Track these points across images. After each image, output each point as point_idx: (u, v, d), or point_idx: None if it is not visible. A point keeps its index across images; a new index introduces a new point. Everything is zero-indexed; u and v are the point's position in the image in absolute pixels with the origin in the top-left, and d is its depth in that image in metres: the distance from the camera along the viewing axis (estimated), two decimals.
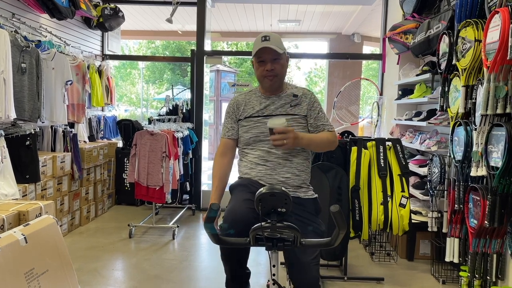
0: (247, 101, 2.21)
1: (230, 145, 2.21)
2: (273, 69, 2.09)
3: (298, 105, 2.17)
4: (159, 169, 4.23)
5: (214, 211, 1.44)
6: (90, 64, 5.00)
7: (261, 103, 2.18)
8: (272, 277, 1.53)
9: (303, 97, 2.19)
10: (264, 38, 2.08)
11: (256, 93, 2.23)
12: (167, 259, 3.68)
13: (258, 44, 2.08)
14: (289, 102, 2.17)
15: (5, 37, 3.21)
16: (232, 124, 2.21)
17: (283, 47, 2.12)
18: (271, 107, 2.16)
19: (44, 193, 3.78)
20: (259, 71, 2.13)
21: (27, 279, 1.88)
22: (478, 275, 2.73)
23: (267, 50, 2.06)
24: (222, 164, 2.16)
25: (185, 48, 17.77)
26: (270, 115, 2.14)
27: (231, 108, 2.23)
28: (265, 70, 2.10)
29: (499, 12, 2.34)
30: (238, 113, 2.21)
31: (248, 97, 2.23)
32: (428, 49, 3.61)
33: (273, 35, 2.10)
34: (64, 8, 4.12)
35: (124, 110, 19.63)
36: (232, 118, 2.22)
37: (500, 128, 2.39)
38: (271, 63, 2.09)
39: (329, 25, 8.27)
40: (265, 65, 2.10)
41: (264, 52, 2.07)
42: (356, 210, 3.12)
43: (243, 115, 2.19)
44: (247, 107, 2.19)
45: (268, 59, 2.09)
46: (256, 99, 2.21)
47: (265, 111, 2.15)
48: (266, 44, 2.05)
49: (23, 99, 3.54)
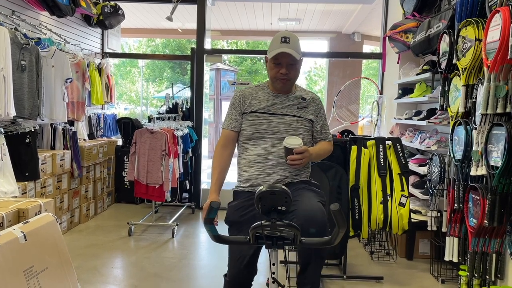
0: (254, 96, 2.18)
1: (232, 137, 2.17)
2: (287, 73, 2.07)
3: (304, 108, 2.17)
4: (159, 167, 4.23)
5: (214, 209, 1.43)
6: (90, 62, 4.99)
7: (268, 100, 2.16)
8: (272, 275, 1.53)
9: (311, 101, 2.19)
10: (284, 39, 2.03)
11: (265, 89, 2.20)
12: (166, 257, 3.68)
13: (277, 46, 2.04)
14: (296, 104, 2.16)
15: (5, 35, 3.20)
16: (236, 116, 2.17)
17: (300, 51, 2.09)
18: (278, 106, 2.14)
19: (43, 191, 3.77)
20: (273, 72, 2.10)
21: (26, 276, 1.88)
22: (477, 275, 2.73)
23: (285, 54, 2.02)
24: (223, 156, 2.13)
25: (185, 47, 17.75)
26: (276, 113, 2.12)
27: (237, 100, 2.18)
28: (279, 72, 2.07)
29: (500, 11, 2.34)
30: (244, 106, 2.16)
31: (256, 92, 2.20)
32: (429, 48, 3.61)
33: (293, 37, 2.06)
34: (64, 6, 4.12)
35: (124, 108, 19.60)
36: (237, 110, 2.17)
37: (500, 127, 2.39)
38: (287, 68, 2.06)
39: (329, 24, 8.27)
40: (281, 68, 2.06)
41: (282, 55, 2.03)
42: (355, 209, 3.13)
43: (248, 109, 2.15)
44: (254, 101, 2.16)
45: (285, 63, 2.06)
46: (264, 95, 2.18)
47: (272, 108, 2.14)
48: (286, 48, 2.01)
49: (22, 97, 3.53)
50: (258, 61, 18.27)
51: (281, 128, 2.10)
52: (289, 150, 1.95)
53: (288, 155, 1.97)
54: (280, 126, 2.10)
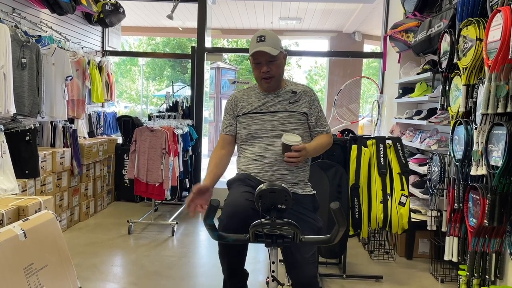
0: (246, 98, 2.21)
1: (229, 140, 2.22)
2: (269, 70, 2.09)
3: (297, 102, 2.16)
4: (159, 165, 4.23)
5: (213, 207, 1.43)
6: (90, 60, 4.99)
7: (260, 100, 2.18)
8: (271, 274, 1.53)
9: (302, 94, 2.19)
10: (260, 38, 2.06)
11: (255, 90, 2.23)
12: (166, 255, 3.68)
13: (253, 46, 2.07)
14: (287, 99, 2.16)
15: (5, 32, 3.20)
16: (230, 120, 2.22)
17: (278, 46, 2.09)
18: (270, 104, 2.15)
19: (43, 189, 3.77)
20: (256, 72, 2.14)
21: (26, 274, 1.88)
22: (477, 274, 2.73)
23: (262, 53, 2.04)
24: (220, 154, 2.17)
25: (185, 45, 17.73)
26: (268, 111, 2.13)
27: (229, 105, 2.24)
28: (261, 72, 2.10)
29: (501, 11, 2.34)
30: (236, 109, 2.21)
31: (247, 94, 2.23)
32: (429, 47, 3.60)
33: (269, 34, 2.08)
34: (65, 4, 4.11)
35: (124, 106, 19.60)
36: (230, 115, 2.23)
37: (501, 127, 2.38)
38: (267, 65, 2.08)
39: (330, 23, 8.26)
40: (262, 67, 2.09)
41: (259, 54, 2.06)
42: (355, 208, 3.13)
43: (241, 112, 2.18)
44: (246, 103, 2.19)
45: (264, 61, 2.08)
46: (255, 95, 2.20)
47: (264, 108, 2.15)
48: (261, 46, 2.04)
49: (23, 94, 3.53)
50: None
51: (274, 126, 2.11)
52: (287, 146, 1.95)
53: (285, 152, 1.96)
54: (273, 124, 2.11)
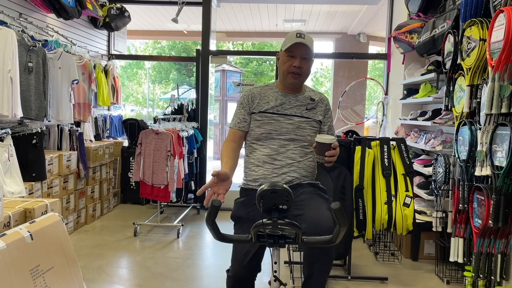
0: (263, 95, 2.17)
1: (239, 135, 2.16)
2: (300, 67, 2.08)
3: (313, 109, 2.17)
4: (164, 168, 4.25)
5: (215, 207, 1.44)
6: (96, 63, 5.04)
7: (277, 99, 2.15)
8: (274, 274, 1.53)
9: (319, 102, 2.20)
10: (299, 35, 2.06)
11: (273, 88, 2.20)
12: (171, 257, 3.70)
13: (292, 39, 2.06)
14: (305, 105, 2.16)
15: (12, 37, 3.24)
16: (245, 115, 2.16)
17: (313, 49, 2.12)
18: (287, 106, 2.14)
19: (50, 191, 3.81)
20: (286, 65, 2.10)
21: (32, 275, 1.90)
22: (483, 275, 2.72)
23: (301, 46, 2.05)
24: (232, 146, 2.12)
25: (191, 48, 17.81)
26: (285, 114, 2.12)
27: (246, 100, 2.17)
28: (292, 65, 2.08)
29: (504, 11, 2.33)
30: (252, 105, 2.15)
31: (264, 91, 2.19)
32: (433, 48, 3.60)
33: (308, 35, 2.09)
34: (71, 8, 4.16)
35: (130, 109, 19.72)
36: (245, 110, 2.16)
37: (505, 127, 2.38)
38: (301, 60, 2.08)
39: (335, 25, 8.26)
40: (294, 61, 2.08)
41: (297, 47, 2.05)
42: (360, 210, 3.12)
43: (257, 109, 2.14)
44: (262, 101, 2.15)
45: (299, 56, 2.07)
46: (273, 94, 2.17)
47: (280, 109, 2.13)
48: (301, 40, 2.04)
49: (29, 98, 3.57)
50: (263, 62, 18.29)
51: (289, 129, 2.10)
52: (325, 146, 1.89)
53: (322, 151, 1.90)
54: (288, 127, 2.10)
